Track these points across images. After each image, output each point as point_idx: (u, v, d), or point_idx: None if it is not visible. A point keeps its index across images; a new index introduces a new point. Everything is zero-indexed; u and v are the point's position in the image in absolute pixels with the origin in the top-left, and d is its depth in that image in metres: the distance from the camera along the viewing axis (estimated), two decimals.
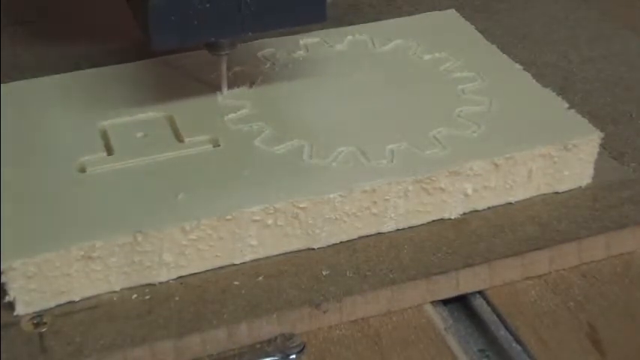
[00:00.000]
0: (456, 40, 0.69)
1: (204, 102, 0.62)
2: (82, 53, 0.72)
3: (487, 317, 0.53)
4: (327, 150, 0.57)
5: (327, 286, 0.52)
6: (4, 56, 0.73)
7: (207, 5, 0.55)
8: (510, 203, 0.59)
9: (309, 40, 0.69)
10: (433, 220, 0.57)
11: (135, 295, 0.52)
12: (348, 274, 0.53)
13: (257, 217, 0.53)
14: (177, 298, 0.52)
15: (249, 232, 0.53)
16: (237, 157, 0.57)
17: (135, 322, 0.50)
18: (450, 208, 0.57)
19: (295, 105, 0.62)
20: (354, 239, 0.56)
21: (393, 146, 0.57)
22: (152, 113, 0.61)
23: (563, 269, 0.56)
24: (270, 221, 0.53)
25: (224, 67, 0.62)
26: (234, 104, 0.61)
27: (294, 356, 0.50)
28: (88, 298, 0.52)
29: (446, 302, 0.55)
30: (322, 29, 0.68)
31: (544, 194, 0.59)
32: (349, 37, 0.69)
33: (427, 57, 0.67)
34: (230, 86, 0.63)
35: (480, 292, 0.55)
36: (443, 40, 0.68)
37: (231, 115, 0.60)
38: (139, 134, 0.59)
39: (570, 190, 0.60)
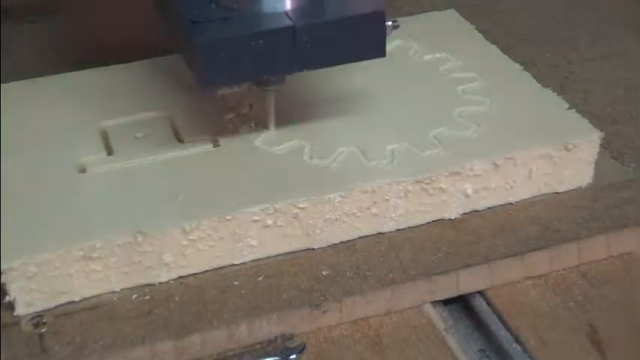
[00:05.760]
0: (456, 40, 0.69)
1: (204, 102, 0.62)
2: (82, 53, 0.72)
3: (487, 317, 0.53)
4: (327, 150, 0.57)
5: (327, 286, 0.52)
6: (4, 56, 0.73)
7: (260, 42, 0.52)
8: (510, 203, 0.59)
9: None
10: (433, 220, 0.57)
11: (135, 295, 0.52)
12: (348, 274, 0.53)
13: (257, 217, 0.53)
14: (177, 298, 0.52)
15: (249, 232, 0.53)
16: (237, 157, 0.57)
17: (135, 322, 0.50)
18: (450, 208, 0.57)
19: (295, 105, 0.62)
20: (354, 239, 0.56)
21: (393, 146, 0.57)
22: (152, 113, 0.61)
23: (563, 269, 0.56)
24: (270, 221, 0.53)
25: (272, 102, 0.58)
26: (234, 104, 0.61)
27: (294, 356, 0.50)
28: (88, 298, 0.52)
29: (446, 302, 0.55)
30: None
31: (544, 194, 0.59)
32: None
33: (427, 57, 0.67)
34: (230, 87, 0.63)
35: (480, 292, 0.55)
36: (443, 40, 0.68)
37: (232, 115, 0.60)
38: (139, 134, 0.59)
39: (570, 190, 0.60)
